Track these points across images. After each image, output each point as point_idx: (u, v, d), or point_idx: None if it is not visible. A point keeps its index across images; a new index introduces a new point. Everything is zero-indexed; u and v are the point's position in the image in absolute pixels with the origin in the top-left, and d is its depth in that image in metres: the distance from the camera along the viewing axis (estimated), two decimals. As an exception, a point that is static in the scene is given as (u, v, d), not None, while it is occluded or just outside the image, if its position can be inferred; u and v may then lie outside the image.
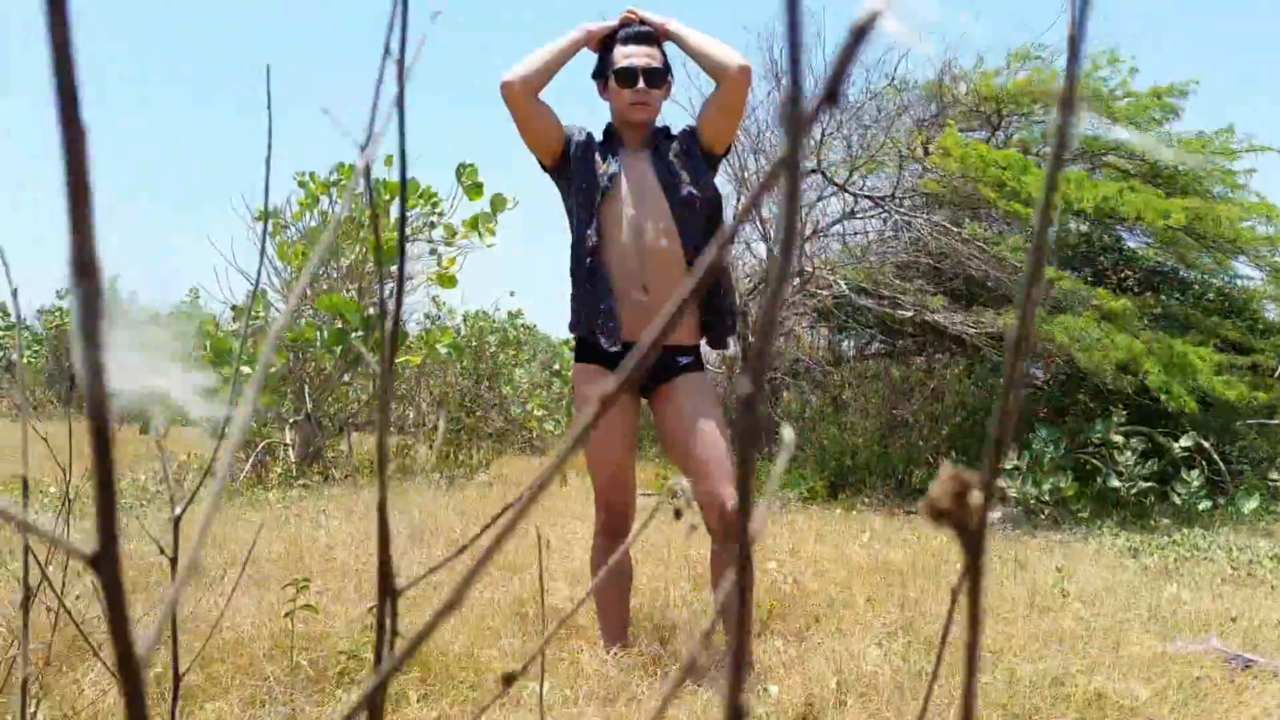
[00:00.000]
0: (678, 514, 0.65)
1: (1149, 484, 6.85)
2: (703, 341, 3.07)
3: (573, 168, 2.92)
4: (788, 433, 0.38)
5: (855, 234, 8.35)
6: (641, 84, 2.87)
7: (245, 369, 7.14)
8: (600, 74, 2.97)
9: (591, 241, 2.87)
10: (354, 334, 7.14)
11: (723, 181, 3.86)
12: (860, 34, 0.18)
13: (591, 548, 3.09)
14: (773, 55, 7.85)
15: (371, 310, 7.26)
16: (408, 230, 8.10)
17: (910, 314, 7.46)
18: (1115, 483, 6.83)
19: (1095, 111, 7.61)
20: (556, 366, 11.89)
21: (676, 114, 8.50)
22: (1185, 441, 7.03)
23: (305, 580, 2.70)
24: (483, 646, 3.05)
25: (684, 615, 3.54)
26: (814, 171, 7.50)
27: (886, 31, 0.17)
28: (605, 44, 2.93)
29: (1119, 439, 6.92)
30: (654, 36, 2.91)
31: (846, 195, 7.74)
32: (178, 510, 0.66)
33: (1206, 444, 7.12)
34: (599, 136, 2.98)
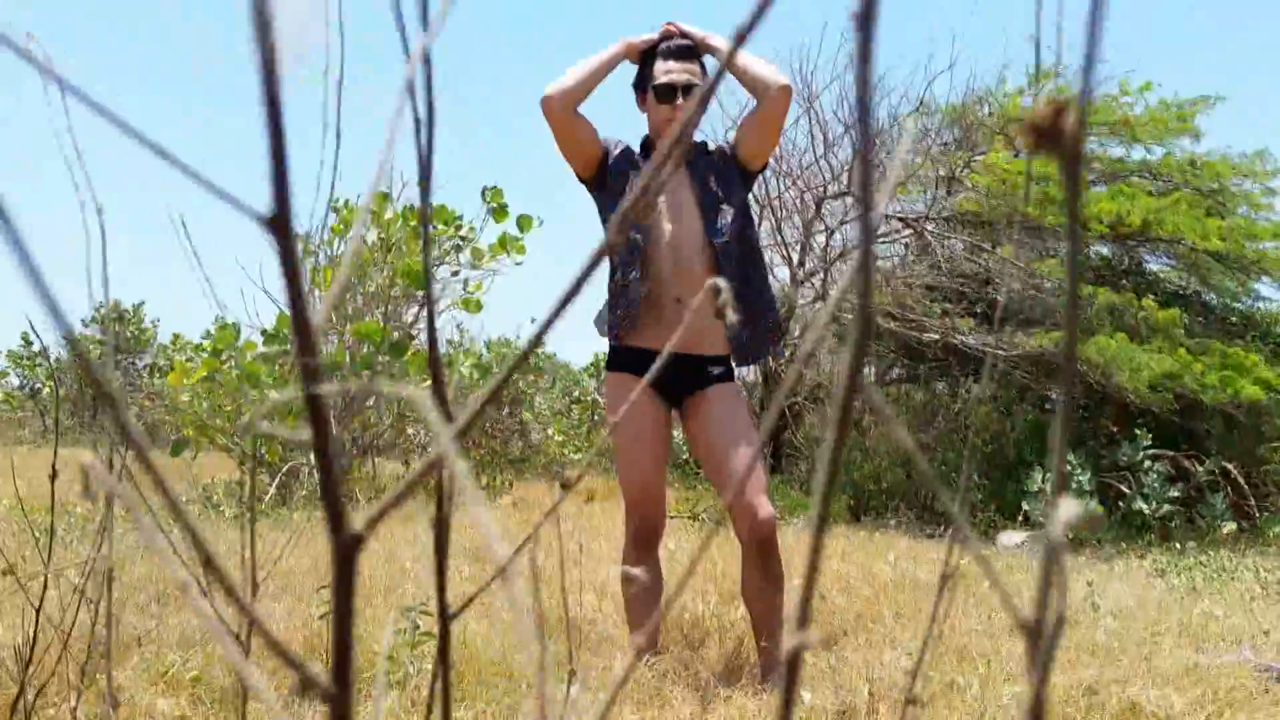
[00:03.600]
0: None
1: (1174, 507, 6.82)
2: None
3: (611, 181, 2.95)
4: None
5: (881, 258, 8.37)
6: (680, 101, 2.87)
7: (273, 393, 7.20)
8: (639, 86, 2.99)
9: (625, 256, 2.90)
10: (380, 358, 7.20)
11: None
12: None
13: (622, 559, 3.09)
14: (803, 76, 7.93)
15: (397, 335, 7.33)
16: (434, 254, 8.18)
17: (936, 337, 7.46)
18: (1140, 505, 6.79)
19: (1118, 133, 7.61)
20: (576, 394, 11.98)
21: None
22: (1210, 465, 7.00)
23: (343, 582, 2.72)
24: (514, 652, 3.06)
25: (714, 625, 3.55)
26: (844, 194, 7.55)
27: None
28: (645, 56, 2.95)
29: (1145, 461, 6.89)
30: (694, 51, 2.92)
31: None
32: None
33: (1231, 468, 7.09)
34: (636, 147, 3.02)
